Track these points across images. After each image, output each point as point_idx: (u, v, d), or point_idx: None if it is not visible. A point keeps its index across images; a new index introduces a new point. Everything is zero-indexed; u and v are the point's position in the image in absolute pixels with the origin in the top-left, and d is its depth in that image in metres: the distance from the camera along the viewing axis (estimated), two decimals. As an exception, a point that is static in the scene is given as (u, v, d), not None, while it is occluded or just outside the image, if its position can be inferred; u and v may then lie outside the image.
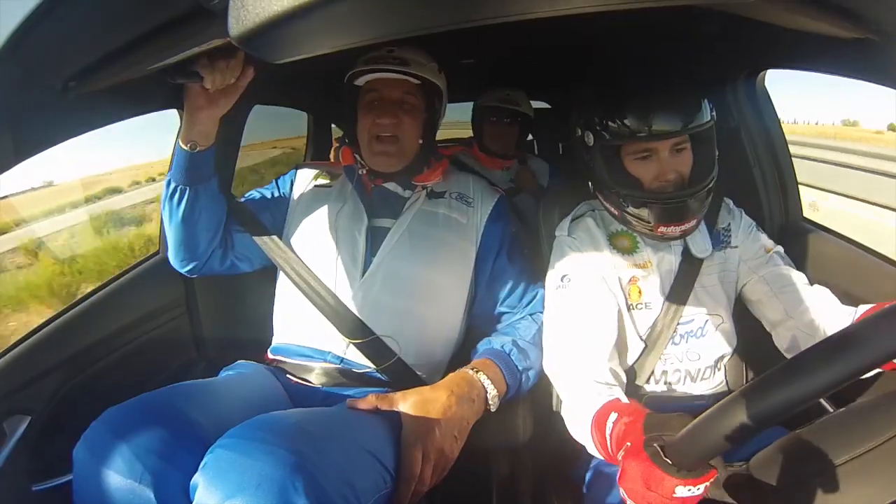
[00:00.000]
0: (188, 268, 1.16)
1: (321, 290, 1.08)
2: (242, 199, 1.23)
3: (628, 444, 0.70)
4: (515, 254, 1.20)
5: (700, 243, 1.03)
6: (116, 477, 0.72)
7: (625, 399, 0.85)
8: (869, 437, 0.60)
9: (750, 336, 1.10)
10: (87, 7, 0.61)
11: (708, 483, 0.59)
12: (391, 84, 1.12)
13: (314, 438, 0.74)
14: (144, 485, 0.72)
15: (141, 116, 1.09)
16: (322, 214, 1.15)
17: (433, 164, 1.21)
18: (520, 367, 1.02)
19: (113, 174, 9.10)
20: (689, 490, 0.59)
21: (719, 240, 1.07)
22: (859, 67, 0.87)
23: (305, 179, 1.24)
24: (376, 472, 0.80)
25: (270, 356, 1.15)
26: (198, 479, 0.68)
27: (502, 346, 1.04)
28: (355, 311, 1.06)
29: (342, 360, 1.06)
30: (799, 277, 1.02)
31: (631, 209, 0.96)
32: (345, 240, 1.11)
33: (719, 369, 1.05)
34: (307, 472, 0.67)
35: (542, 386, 1.07)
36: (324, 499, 0.67)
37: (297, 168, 1.29)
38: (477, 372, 0.96)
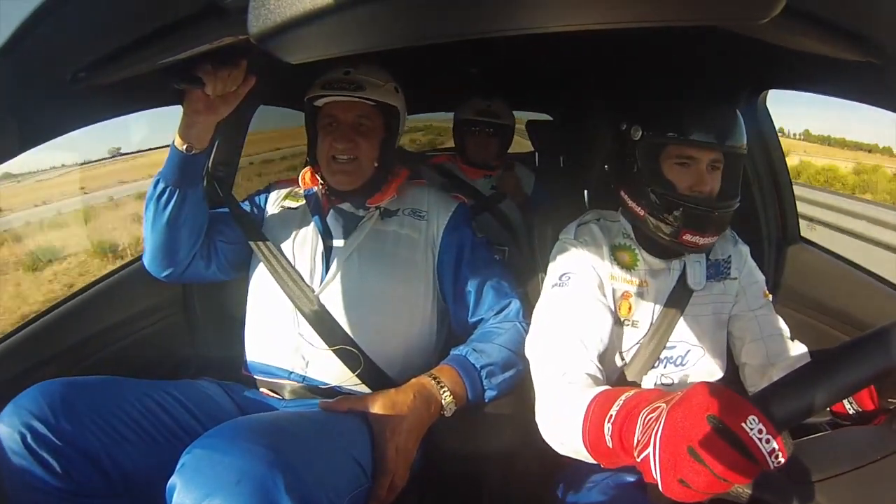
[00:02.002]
0: (165, 273, 1.14)
1: (307, 292, 1.09)
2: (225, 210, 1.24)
3: (673, 398, 0.58)
4: (481, 262, 1.19)
5: (697, 274, 1.04)
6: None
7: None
8: (853, 459, 0.60)
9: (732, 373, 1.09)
10: (100, 1, 0.61)
11: (781, 449, 0.48)
12: (346, 107, 1.13)
13: (292, 436, 0.77)
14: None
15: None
16: (286, 236, 1.18)
17: (388, 182, 1.21)
18: (477, 366, 1.02)
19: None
20: (762, 433, 0.48)
21: (719, 270, 1.07)
22: (861, 90, 0.89)
23: (276, 199, 1.26)
24: (352, 470, 0.83)
25: (245, 372, 1.16)
26: (175, 479, 0.68)
27: (460, 351, 1.06)
28: (321, 323, 1.08)
29: (304, 377, 1.08)
30: (785, 329, 1.05)
31: (659, 211, 0.96)
32: (303, 261, 1.13)
33: None
34: (287, 468, 0.68)
35: (535, 392, 1.07)
36: (304, 494, 0.68)
37: (269, 188, 1.30)
38: (434, 378, 0.99)
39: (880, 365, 0.52)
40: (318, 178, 1.20)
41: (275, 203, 1.25)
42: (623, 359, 1.01)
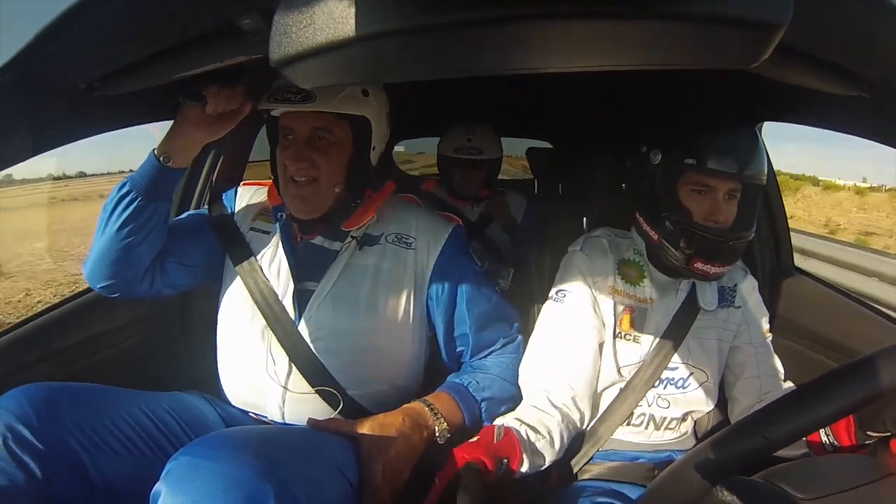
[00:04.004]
0: (101, 285, 1.02)
1: (287, 323, 1.01)
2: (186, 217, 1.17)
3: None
4: (481, 298, 1.08)
5: (708, 295, 1.04)
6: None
7: (555, 429, 0.90)
8: (837, 483, 0.59)
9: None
10: (119, 14, 0.64)
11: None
12: (300, 119, 0.98)
13: (281, 447, 0.75)
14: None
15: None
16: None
17: (365, 201, 1.07)
18: (478, 398, 1.00)
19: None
20: None
21: (724, 298, 1.07)
22: (853, 123, 0.91)
23: (247, 214, 1.13)
24: (341, 485, 0.81)
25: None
26: (160, 486, 0.66)
27: (461, 380, 1.02)
28: (297, 364, 1.00)
29: (282, 422, 1.01)
30: (781, 370, 1.06)
31: (673, 238, 0.96)
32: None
33: (686, 421, 1.05)
34: (276, 477, 0.66)
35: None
36: None
37: (237, 190, 1.17)
38: (428, 405, 0.96)
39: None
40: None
41: (245, 218, 1.13)
42: (621, 374, 1.01)
